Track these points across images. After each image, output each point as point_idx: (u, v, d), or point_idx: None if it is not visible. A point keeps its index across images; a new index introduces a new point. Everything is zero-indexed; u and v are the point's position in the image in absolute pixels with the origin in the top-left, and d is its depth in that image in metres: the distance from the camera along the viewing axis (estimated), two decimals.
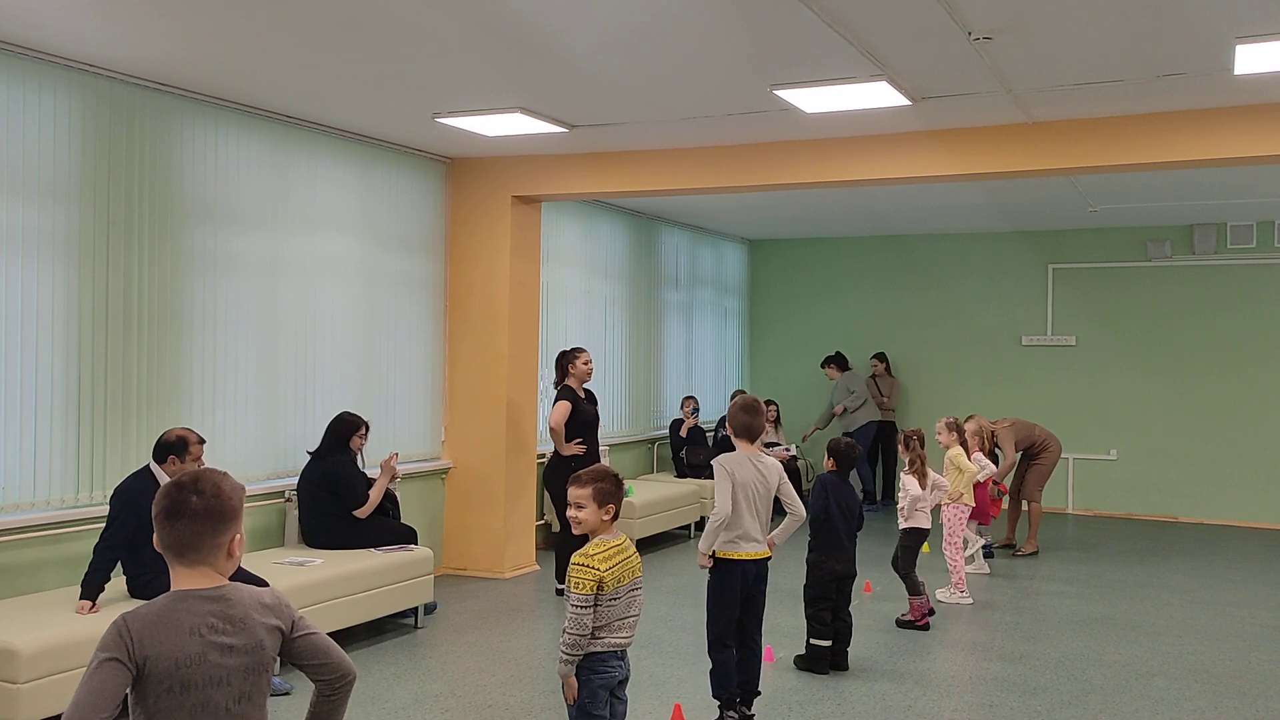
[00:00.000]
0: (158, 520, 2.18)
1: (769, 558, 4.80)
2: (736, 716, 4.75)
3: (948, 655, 6.02)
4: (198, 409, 6.04)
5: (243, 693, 2.16)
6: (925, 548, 8.51)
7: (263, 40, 5.06)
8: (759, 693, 4.89)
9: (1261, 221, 10.71)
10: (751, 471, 4.71)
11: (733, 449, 4.85)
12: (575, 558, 3.55)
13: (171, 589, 2.17)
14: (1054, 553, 9.13)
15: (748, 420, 4.76)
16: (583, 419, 7.32)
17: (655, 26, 4.77)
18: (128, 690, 2.07)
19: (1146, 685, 5.49)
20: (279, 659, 2.29)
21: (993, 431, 8.84)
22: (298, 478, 6.48)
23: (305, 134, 6.78)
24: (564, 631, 3.53)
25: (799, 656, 5.73)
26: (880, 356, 12.00)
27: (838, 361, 11.77)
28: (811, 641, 5.66)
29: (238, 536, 2.22)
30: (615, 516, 3.62)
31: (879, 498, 11.71)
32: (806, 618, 5.70)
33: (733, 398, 11.16)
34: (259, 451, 6.48)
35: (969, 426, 8.15)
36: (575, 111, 6.40)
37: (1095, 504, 11.37)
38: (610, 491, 3.59)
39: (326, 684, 2.32)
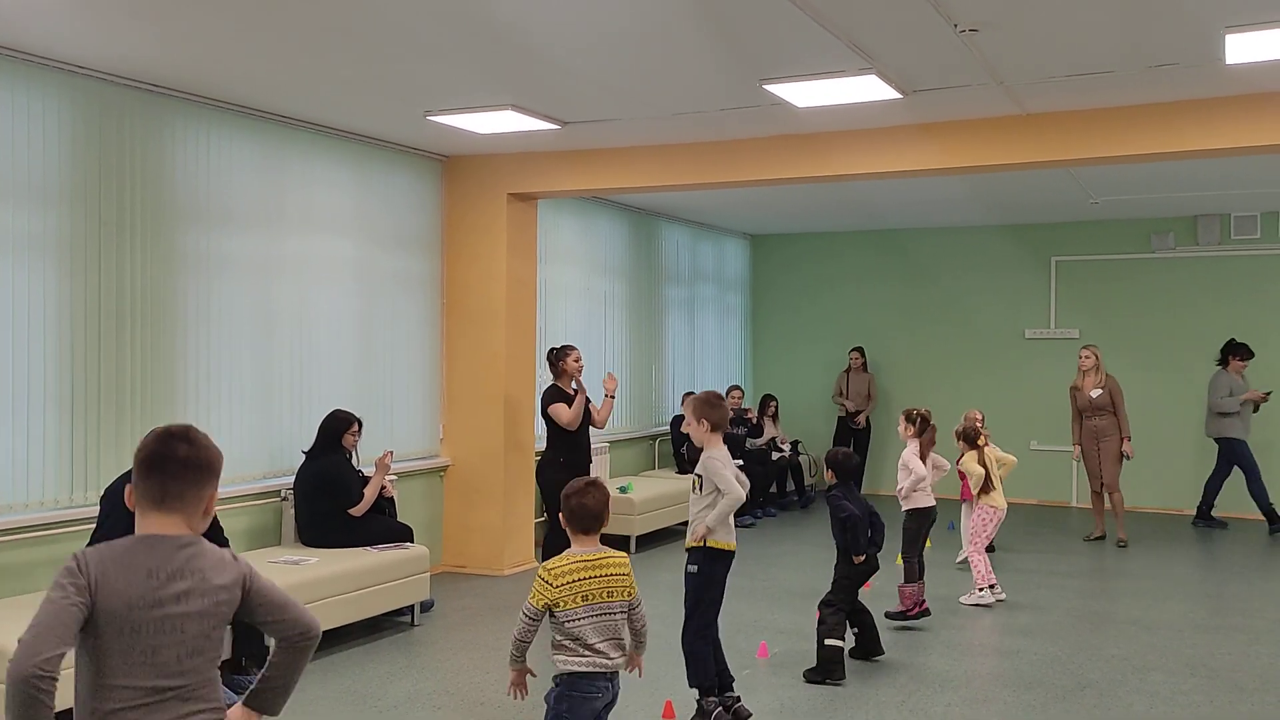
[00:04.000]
0: (142, 467, 2.15)
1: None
2: (717, 700, 4.79)
3: (944, 650, 6.00)
4: (191, 410, 6.05)
5: (195, 647, 2.12)
6: (928, 543, 8.47)
7: (252, 41, 5.07)
8: (733, 677, 4.96)
9: (1265, 212, 10.63)
10: (732, 465, 4.81)
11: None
12: (540, 568, 3.55)
13: (137, 533, 2.13)
14: (1057, 546, 9.09)
15: (720, 414, 4.82)
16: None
17: (641, 22, 4.76)
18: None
19: (1143, 679, 5.46)
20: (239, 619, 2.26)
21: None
22: (294, 477, 6.49)
23: (298, 134, 6.79)
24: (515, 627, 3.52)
25: (810, 670, 5.41)
26: (859, 350, 11.98)
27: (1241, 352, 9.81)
28: (827, 643, 5.37)
29: (214, 494, 2.22)
30: (582, 529, 3.57)
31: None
32: (821, 619, 5.44)
33: (728, 393, 11.23)
34: (254, 451, 6.50)
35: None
36: (566, 108, 6.39)
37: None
38: (564, 502, 3.60)
39: (287, 640, 2.29)
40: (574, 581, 3.47)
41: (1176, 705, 5.08)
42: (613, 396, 7.44)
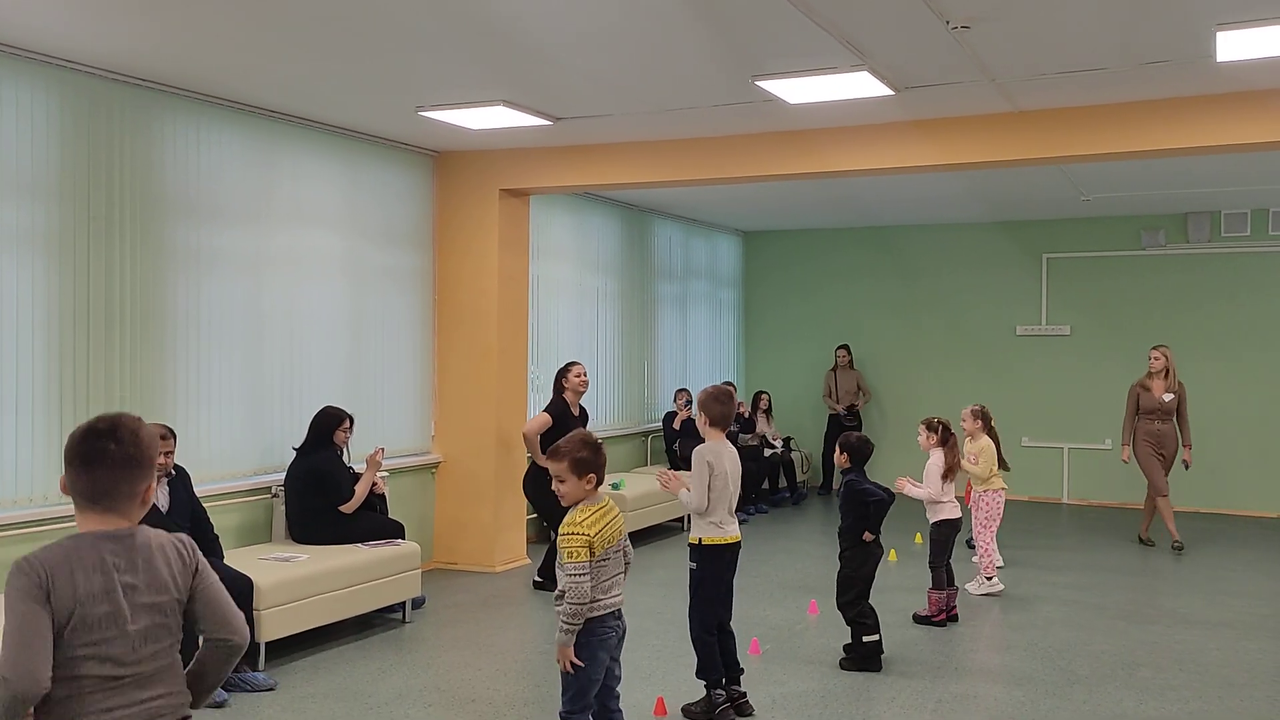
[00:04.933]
0: (72, 465, 2.14)
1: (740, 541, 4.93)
2: (725, 694, 4.82)
3: (934, 646, 6.00)
4: (181, 405, 6.04)
5: (149, 635, 2.13)
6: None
7: (242, 35, 5.05)
8: (743, 669, 4.99)
9: (1255, 209, 10.67)
10: (729, 461, 4.80)
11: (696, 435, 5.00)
12: (563, 527, 3.62)
13: (78, 532, 2.14)
14: (1047, 542, 9.11)
15: (723, 410, 4.84)
16: (565, 434, 7.27)
17: (634, 18, 4.75)
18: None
19: (1131, 675, 5.48)
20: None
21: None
22: (284, 473, 6.48)
23: (289, 128, 6.77)
24: (564, 601, 3.57)
25: (846, 658, 5.57)
26: (845, 348, 11.97)
27: None
28: (864, 639, 5.53)
29: (152, 485, 2.20)
30: (598, 484, 3.69)
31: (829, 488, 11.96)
32: (850, 620, 5.57)
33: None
34: (244, 447, 6.48)
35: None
36: (559, 104, 6.38)
37: (1090, 494, 11.35)
38: (587, 460, 3.67)
39: (218, 645, 2.28)
40: (599, 530, 3.62)
41: (1166, 701, 5.10)
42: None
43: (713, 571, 4.82)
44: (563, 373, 7.41)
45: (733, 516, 4.84)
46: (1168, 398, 8.78)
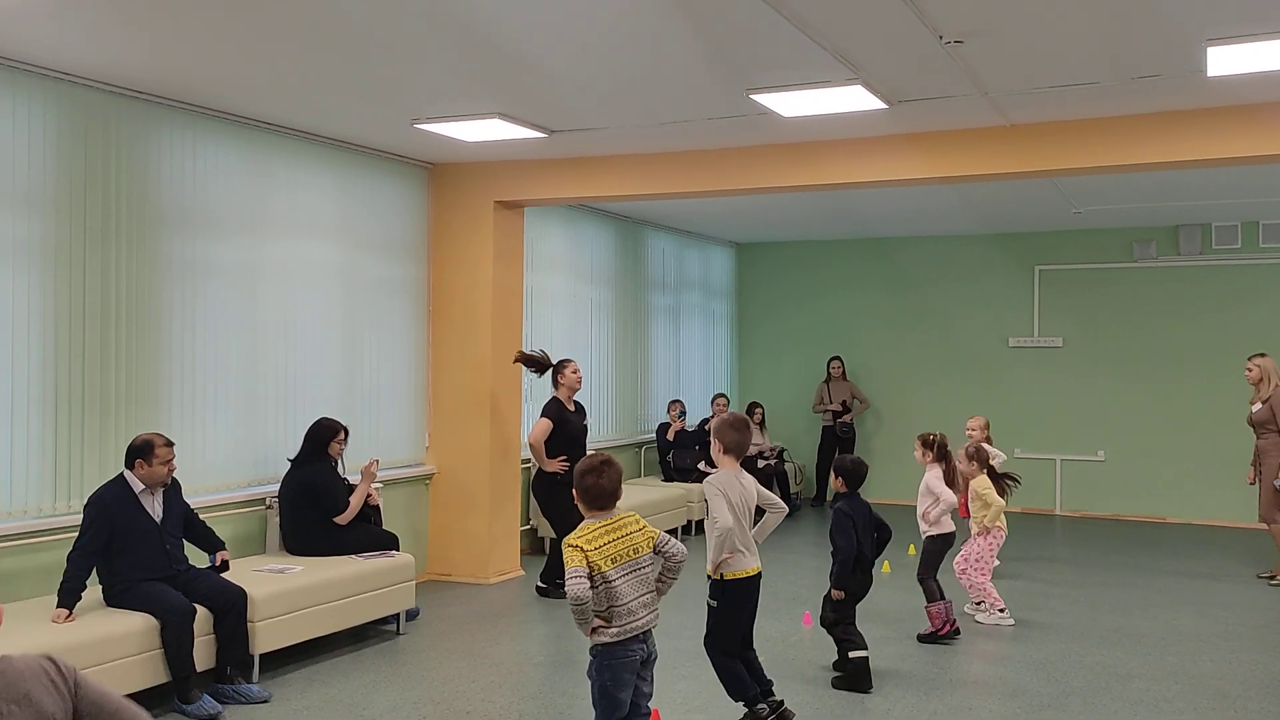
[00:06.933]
0: None
1: (761, 571, 4.79)
2: (767, 709, 4.76)
3: (928, 658, 6.01)
4: (176, 417, 6.03)
5: None
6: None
7: (238, 48, 5.06)
8: (771, 681, 4.91)
9: (1246, 222, 10.73)
10: (740, 490, 4.69)
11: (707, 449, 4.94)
12: (565, 541, 3.74)
13: None
14: (1040, 555, 9.13)
15: (739, 439, 4.72)
16: (567, 433, 7.36)
17: (629, 32, 4.77)
18: None
19: (1125, 687, 5.49)
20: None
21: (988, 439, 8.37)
22: (278, 485, 6.47)
23: (284, 140, 6.78)
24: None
25: (837, 678, 5.50)
26: (838, 359, 12.00)
27: None
28: (851, 655, 5.44)
29: None
30: (597, 505, 3.77)
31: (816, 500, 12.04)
32: (836, 639, 5.52)
33: (714, 401, 11.21)
34: (239, 459, 6.47)
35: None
36: (554, 117, 6.40)
37: (1083, 505, 11.38)
38: (588, 486, 3.79)
39: None
40: (600, 546, 3.69)
41: (1160, 713, 5.11)
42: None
43: (732, 605, 4.69)
44: (558, 370, 7.49)
45: (750, 544, 4.69)
46: (1255, 408, 8.12)
